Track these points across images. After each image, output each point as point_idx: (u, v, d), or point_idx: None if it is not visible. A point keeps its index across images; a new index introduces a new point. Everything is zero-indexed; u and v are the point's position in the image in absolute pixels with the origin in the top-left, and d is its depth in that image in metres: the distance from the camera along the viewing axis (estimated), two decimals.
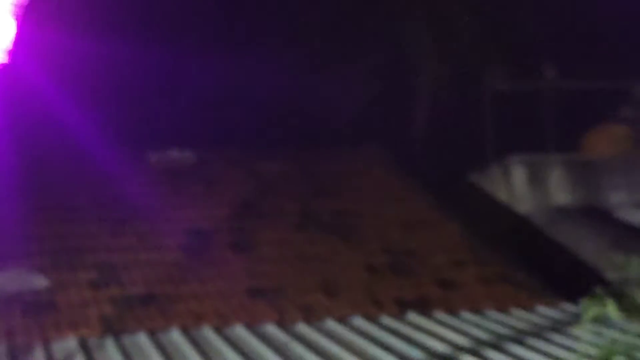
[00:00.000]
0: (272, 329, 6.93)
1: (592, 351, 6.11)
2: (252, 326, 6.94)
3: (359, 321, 7.23)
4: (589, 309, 6.40)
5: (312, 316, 7.23)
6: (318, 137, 11.27)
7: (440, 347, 6.55)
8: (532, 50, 11.59)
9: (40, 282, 7.18)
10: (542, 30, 11.61)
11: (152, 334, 6.64)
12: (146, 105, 10.36)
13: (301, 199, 9.58)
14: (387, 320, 7.32)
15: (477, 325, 7.26)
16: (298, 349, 6.47)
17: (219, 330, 6.83)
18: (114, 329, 6.64)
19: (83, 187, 9.21)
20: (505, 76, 11.40)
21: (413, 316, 7.44)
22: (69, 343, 6.38)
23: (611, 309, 6.42)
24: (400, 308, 7.53)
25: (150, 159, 10.04)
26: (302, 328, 7.02)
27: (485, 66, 11.71)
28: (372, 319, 7.30)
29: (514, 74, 11.54)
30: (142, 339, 6.53)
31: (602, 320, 6.33)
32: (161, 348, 6.33)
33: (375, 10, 11.97)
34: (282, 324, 7.05)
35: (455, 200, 10.40)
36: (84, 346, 6.33)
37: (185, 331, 6.73)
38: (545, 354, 6.49)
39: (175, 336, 6.64)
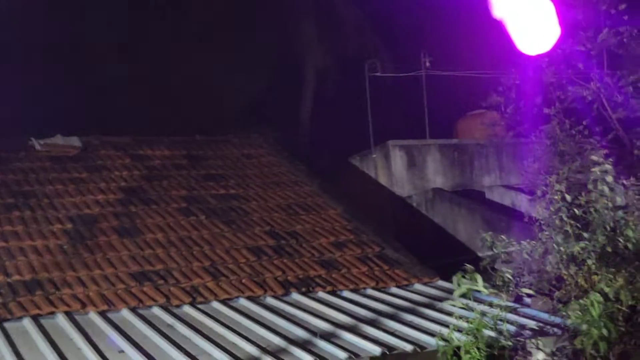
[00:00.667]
0: (158, 312, 7.10)
1: (464, 324, 6.60)
2: (138, 309, 7.08)
3: (244, 302, 7.48)
4: (461, 284, 6.91)
5: (197, 298, 7.44)
6: (207, 125, 11.41)
7: (322, 325, 6.87)
8: (409, 41, 12.08)
9: None
10: (420, 22, 12.13)
11: (37, 319, 6.69)
12: (32, 92, 10.23)
13: (188, 184, 9.71)
14: (271, 300, 7.60)
15: (357, 303, 7.64)
16: (183, 329, 6.68)
17: (104, 314, 6.94)
18: None
19: None
20: (385, 65, 11.85)
21: (296, 296, 7.75)
22: None
23: (480, 284, 6.95)
24: (284, 289, 7.82)
25: (34, 146, 9.93)
26: (188, 310, 7.23)
27: (367, 56, 12.13)
28: (256, 300, 7.56)
29: (393, 63, 12.01)
30: (27, 324, 6.58)
31: (472, 295, 6.85)
32: (45, 333, 6.40)
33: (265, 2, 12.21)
34: (168, 307, 7.23)
35: (338, 184, 10.79)
36: None
37: (70, 316, 6.81)
38: (419, 329, 6.93)
39: (61, 321, 6.71)
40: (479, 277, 6.88)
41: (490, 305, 6.86)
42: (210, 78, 11.98)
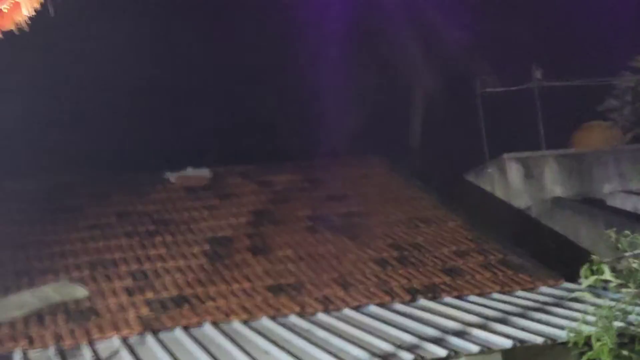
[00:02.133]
0: (294, 319, 7.55)
1: (592, 317, 6.69)
2: (276, 318, 7.56)
3: (374, 309, 7.83)
4: (588, 276, 7.01)
5: (330, 307, 7.84)
6: (321, 150, 11.91)
7: (451, 324, 7.13)
8: (518, 54, 12.24)
9: (80, 292, 7.81)
10: (527, 34, 12.27)
11: (187, 329, 7.27)
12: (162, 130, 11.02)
13: (311, 205, 10.22)
14: (399, 306, 7.92)
15: (484, 306, 7.85)
16: (320, 332, 7.08)
17: (246, 323, 7.45)
18: (152, 327, 7.26)
19: (110, 207, 9.88)
20: (495, 80, 12.05)
21: (424, 302, 8.03)
22: (113, 342, 7.00)
23: (608, 274, 7.02)
24: (411, 295, 8.12)
25: (169, 179, 10.73)
26: (322, 317, 7.64)
27: (475, 72, 12.37)
28: (385, 306, 7.90)
29: (503, 77, 12.19)
30: (178, 334, 7.16)
31: (599, 288, 6.94)
32: (196, 340, 6.95)
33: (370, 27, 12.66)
34: (304, 315, 7.66)
35: (455, 198, 11.04)
36: (127, 344, 6.95)
37: (216, 325, 7.35)
38: (548, 324, 7.07)
39: (208, 330, 7.26)
40: (606, 268, 6.96)
41: (618, 297, 6.93)
42: (321, 104, 12.46)
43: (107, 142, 10.54)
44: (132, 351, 6.72)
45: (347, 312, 7.75)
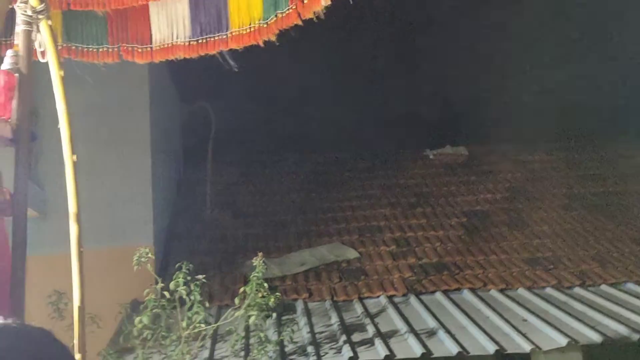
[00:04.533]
0: (551, 291, 7.85)
1: None
2: (532, 289, 7.91)
3: (633, 286, 7.89)
4: None
5: (587, 281, 8.03)
6: (574, 130, 11.88)
7: None
8: None
9: (352, 253, 8.69)
10: None
11: (446, 293, 7.85)
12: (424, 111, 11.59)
13: (567, 184, 10.36)
14: None
15: None
16: (577, 305, 7.34)
17: (503, 291, 7.88)
18: (415, 289, 7.94)
19: (375, 180, 10.75)
20: None
21: None
22: (380, 300, 7.77)
23: None
24: None
25: (428, 156, 11.39)
26: (579, 291, 7.86)
27: None
28: None
29: None
30: (439, 297, 7.77)
31: None
32: (456, 304, 7.51)
33: None
34: (560, 288, 7.94)
35: None
36: (392, 302, 7.68)
37: (474, 292, 7.86)
38: None
39: (467, 296, 7.79)
40: None
41: None
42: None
43: (374, 122, 11.36)
44: (397, 309, 7.42)
45: (605, 288, 7.90)
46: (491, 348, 6.18)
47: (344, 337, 6.53)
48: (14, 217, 3.11)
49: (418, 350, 6.16)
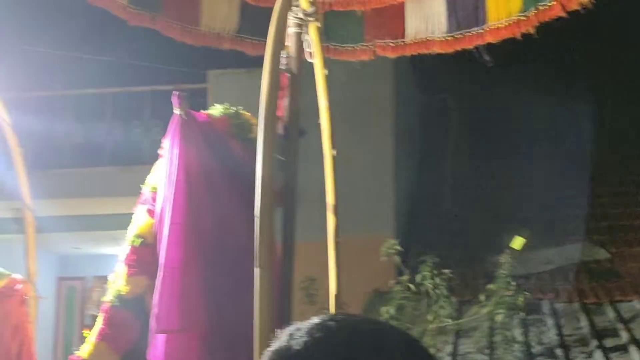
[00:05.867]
0: None
1: None
2: None
3: None
4: None
5: None
6: None
7: None
8: None
9: (602, 253, 8.26)
10: None
11: None
12: None
13: None
14: None
15: None
16: None
17: None
18: None
19: (629, 177, 10.05)
20: None
21: None
22: (634, 304, 7.30)
23: None
24: None
25: None
26: None
27: None
28: None
29: None
30: None
31: None
32: None
33: None
34: None
35: None
36: None
37: None
38: None
39: None
40: None
41: None
42: None
43: None
44: None
45: None
46: None
47: (595, 342, 6.23)
48: (284, 209, 3.28)
49: None
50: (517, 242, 8.04)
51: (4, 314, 3.69)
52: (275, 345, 1.13)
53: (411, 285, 5.96)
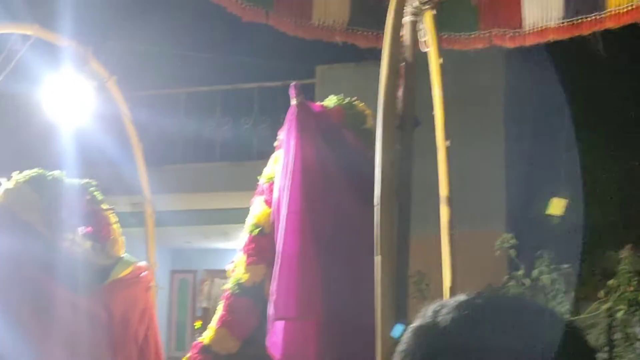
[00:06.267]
0: None
1: None
2: None
3: None
4: None
5: None
6: None
7: None
8: None
9: None
10: None
11: None
12: None
13: None
14: None
15: None
16: None
17: None
18: None
19: None
20: None
21: None
22: None
23: None
24: None
25: None
26: None
27: None
28: None
29: None
30: None
31: None
32: None
33: None
34: None
35: None
36: None
37: None
38: None
39: None
40: None
41: None
42: None
43: None
44: None
45: None
46: None
47: None
48: (399, 200, 3.24)
49: None
50: (556, 206, 7.53)
51: (132, 299, 3.82)
52: (419, 321, 1.11)
53: (526, 281, 5.81)
